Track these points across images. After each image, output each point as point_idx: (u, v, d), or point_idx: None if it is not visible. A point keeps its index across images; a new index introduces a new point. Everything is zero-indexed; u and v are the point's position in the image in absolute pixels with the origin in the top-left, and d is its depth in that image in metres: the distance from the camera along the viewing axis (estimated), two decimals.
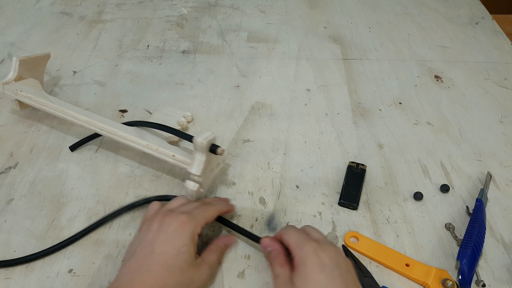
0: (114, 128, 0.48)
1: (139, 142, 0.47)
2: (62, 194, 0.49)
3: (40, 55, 0.57)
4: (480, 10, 0.84)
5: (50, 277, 0.42)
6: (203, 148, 0.41)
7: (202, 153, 0.42)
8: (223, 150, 0.43)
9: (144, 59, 0.70)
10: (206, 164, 0.43)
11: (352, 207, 0.48)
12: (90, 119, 0.49)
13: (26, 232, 0.45)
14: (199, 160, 0.43)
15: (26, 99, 0.53)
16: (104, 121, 0.49)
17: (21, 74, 0.55)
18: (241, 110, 0.61)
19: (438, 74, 0.68)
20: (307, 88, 0.65)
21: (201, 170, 0.43)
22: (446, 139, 0.57)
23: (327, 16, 0.81)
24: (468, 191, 0.50)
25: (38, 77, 0.59)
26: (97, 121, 0.49)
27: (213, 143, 0.43)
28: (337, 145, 0.56)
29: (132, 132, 0.48)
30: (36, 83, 0.57)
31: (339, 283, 0.34)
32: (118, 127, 0.49)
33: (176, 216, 0.39)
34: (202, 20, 0.80)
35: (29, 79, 0.57)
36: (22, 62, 0.55)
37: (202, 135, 0.42)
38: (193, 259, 0.38)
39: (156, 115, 0.56)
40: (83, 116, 0.49)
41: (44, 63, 0.59)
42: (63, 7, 0.83)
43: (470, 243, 0.42)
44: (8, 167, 0.52)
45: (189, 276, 0.38)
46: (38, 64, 0.58)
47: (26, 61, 0.55)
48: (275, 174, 0.52)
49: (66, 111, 0.50)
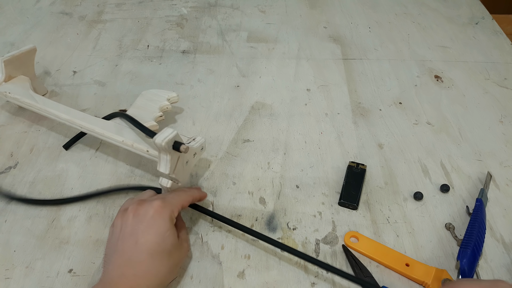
0: (93, 125, 0.48)
1: (115, 138, 0.47)
2: (62, 194, 0.49)
3: (24, 50, 0.56)
4: (480, 10, 0.84)
5: (50, 277, 0.42)
6: (164, 148, 0.40)
7: (165, 152, 0.41)
8: (187, 147, 0.40)
9: (144, 59, 0.70)
10: (174, 161, 0.42)
11: (352, 207, 0.48)
12: (70, 117, 0.49)
13: (26, 232, 0.45)
14: (165, 159, 0.41)
15: (14, 100, 0.53)
16: (84, 119, 0.49)
17: (9, 74, 0.55)
18: (241, 110, 0.61)
19: (438, 74, 0.68)
20: (307, 88, 0.65)
21: (169, 168, 0.42)
22: (446, 139, 0.57)
23: (327, 16, 0.82)
24: (468, 191, 0.50)
25: (28, 73, 0.58)
26: (77, 119, 0.49)
27: (176, 140, 0.40)
28: (337, 145, 0.56)
29: (110, 128, 0.48)
30: (26, 80, 0.57)
31: None
32: (97, 124, 0.49)
33: (150, 203, 0.39)
34: (202, 20, 0.80)
35: (19, 77, 0.57)
36: (8, 62, 0.54)
37: (162, 134, 0.39)
38: (176, 240, 0.39)
39: (139, 101, 0.55)
40: (64, 115, 0.50)
41: (31, 57, 0.58)
42: (63, 7, 0.83)
43: (470, 243, 0.42)
44: (8, 167, 0.52)
45: (176, 257, 0.39)
46: (25, 60, 0.57)
47: (12, 60, 0.55)
48: (275, 174, 0.52)
49: (49, 110, 0.51)
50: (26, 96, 0.53)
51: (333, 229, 0.46)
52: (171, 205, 0.39)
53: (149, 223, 0.37)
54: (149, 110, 0.53)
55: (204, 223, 0.47)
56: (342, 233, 0.46)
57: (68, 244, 0.44)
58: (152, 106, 0.54)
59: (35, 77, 0.60)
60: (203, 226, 0.46)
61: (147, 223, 0.37)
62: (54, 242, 0.45)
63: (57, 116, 0.50)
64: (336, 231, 0.46)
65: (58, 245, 0.44)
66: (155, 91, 0.57)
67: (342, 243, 0.45)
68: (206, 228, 0.46)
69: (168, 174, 0.42)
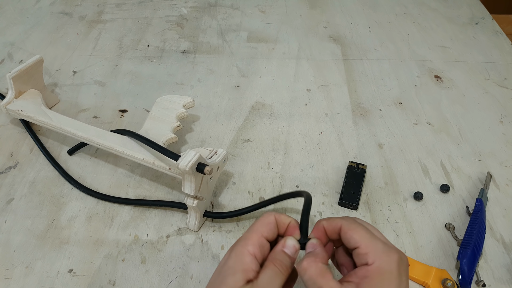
0: (111, 143, 0.47)
1: (136, 156, 0.46)
2: (62, 194, 0.49)
3: (31, 63, 0.54)
4: (480, 10, 0.84)
5: (50, 277, 0.42)
6: (189, 172, 0.39)
7: (189, 175, 0.40)
8: (211, 169, 0.40)
9: (144, 59, 0.70)
10: (198, 182, 0.41)
11: (352, 207, 0.48)
12: (87, 136, 0.48)
13: (26, 232, 0.45)
14: (189, 181, 0.41)
15: (28, 118, 0.52)
16: (101, 137, 0.48)
17: (19, 89, 0.54)
18: (241, 110, 0.61)
19: (438, 74, 0.68)
20: (307, 88, 0.65)
21: (194, 190, 0.41)
22: (446, 139, 0.57)
23: (327, 16, 0.82)
24: (468, 191, 0.50)
25: (38, 85, 0.57)
26: (94, 137, 0.48)
27: (200, 162, 0.40)
28: (337, 145, 0.56)
29: (129, 145, 0.47)
30: (37, 95, 0.55)
31: None
32: (115, 142, 0.47)
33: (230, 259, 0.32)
34: (202, 20, 0.80)
35: (29, 91, 0.55)
36: (16, 78, 0.53)
37: (185, 158, 0.39)
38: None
39: (155, 110, 0.53)
40: (81, 133, 0.48)
41: (39, 69, 0.56)
42: (63, 7, 0.83)
43: (470, 243, 0.42)
44: (8, 167, 0.53)
45: None
46: (34, 72, 0.55)
47: (20, 75, 0.53)
48: (275, 174, 0.52)
49: (64, 128, 0.50)
50: (39, 114, 0.52)
51: None
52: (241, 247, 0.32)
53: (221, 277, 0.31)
54: (166, 120, 0.51)
55: (204, 223, 0.47)
56: None
57: (68, 244, 0.44)
58: (169, 115, 0.52)
59: (45, 88, 0.58)
60: (203, 226, 0.46)
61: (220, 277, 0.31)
62: (54, 242, 0.45)
63: (73, 134, 0.49)
64: None
65: (58, 245, 0.44)
66: (170, 97, 0.53)
67: None
68: (206, 228, 0.46)
69: (194, 195, 0.42)
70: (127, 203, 0.48)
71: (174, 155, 0.41)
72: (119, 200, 0.49)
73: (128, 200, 0.49)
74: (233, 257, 0.31)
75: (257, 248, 0.32)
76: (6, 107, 0.53)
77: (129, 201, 0.48)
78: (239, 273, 0.30)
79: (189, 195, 0.42)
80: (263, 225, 0.33)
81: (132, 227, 0.46)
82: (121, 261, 0.43)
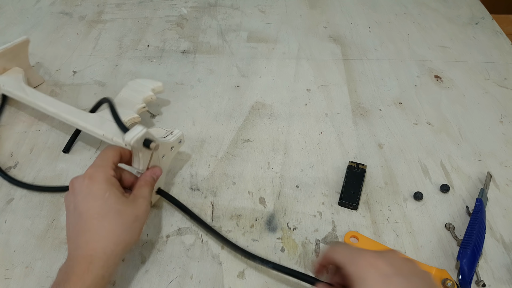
0: (76, 119, 0.49)
1: (96, 132, 0.47)
2: (62, 194, 0.49)
3: (17, 43, 0.58)
4: (480, 10, 0.84)
5: (50, 277, 0.42)
6: (134, 146, 0.40)
7: (136, 150, 0.41)
8: (157, 145, 0.41)
9: (144, 59, 0.70)
10: (147, 157, 0.43)
11: (352, 207, 0.48)
12: (56, 111, 0.50)
13: (26, 232, 0.46)
14: (138, 156, 0.42)
15: (7, 93, 0.55)
16: (69, 112, 0.50)
17: (4, 66, 0.57)
18: (241, 110, 0.61)
19: (438, 74, 0.68)
20: (307, 88, 0.65)
21: (141, 165, 0.43)
22: (446, 139, 0.57)
23: (327, 16, 0.82)
24: (468, 191, 0.50)
25: (23, 64, 0.60)
26: (63, 112, 0.50)
27: (146, 138, 0.40)
28: (337, 145, 0.56)
29: (93, 121, 0.48)
30: (19, 72, 0.58)
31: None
32: (81, 117, 0.49)
33: (81, 175, 0.39)
34: (202, 20, 0.80)
35: (13, 68, 0.58)
36: (1, 55, 0.56)
37: (131, 132, 0.40)
38: (123, 198, 0.38)
39: (124, 92, 0.56)
40: (51, 108, 0.51)
41: (25, 49, 0.60)
42: (63, 7, 0.83)
43: (470, 243, 0.42)
44: (8, 167, 0.53)
45: (129, 213, 0.38)
46: (19, 52, 0.59)
47: (4, 53, 0.56)
48: (275, 174, 0.52)
49: (37, 103, 0.52)
50: (17, 89, 0.54)
51: (333, 229, 0.46)
52: (101, 166, 0.39)
53: (86, 192, 0.37)
54: (133, 101, 0.54)
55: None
56: (342, 233, 0.46)
57: None
58: (136, 97, 0.55)
59: (30, 68, 0.62)
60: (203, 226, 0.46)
61: (84, 193, 0.37)
62: (54, 242, 0.45)
63: (44, 109, 0.51)
64: (336, 231, 0.46)
65: (58, 245, 0.44)
66: (141, 80, 0.57)
67: None
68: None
69: (142, 170, 0.43)
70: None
71: (125, 128, 0.44)
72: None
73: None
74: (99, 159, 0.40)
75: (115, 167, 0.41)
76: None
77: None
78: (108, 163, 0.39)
79: (137, 170, 0.43)
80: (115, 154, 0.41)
81: None
82: (121, 261, 0.43)
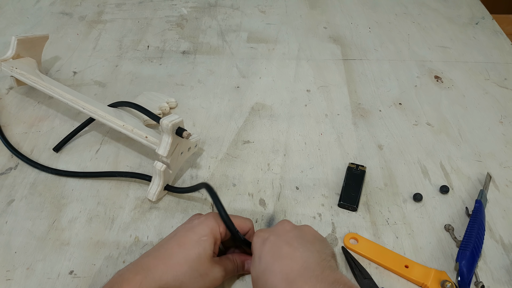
0: (95, 107, 0.50)
1: (116, 122, 0.48)
2: (62, 195, 0.49)
3: (38, 35, 0.60)
4: (480, 10, 0.84)
5: (51, 278, 0.42)
6: (169, 130, 0.43)
7: (168, 135, 0.43)
8: (189, 134, 0.44)
9: (144, 60, 0.70)
10: (173, 146, 0.44)
11: (352, 208, 0.48)
12: (74, 98, 0.51)
13: (26, 233, 0.46)
14: (166, 141, 0.44)
15: (20, 76, 0.56)
16: (87, 101, 0.51)
17: (19, 53, 0.58)
18: (241, 111, 0.61)
19: (438, 75, 0.68)
20: (307, 89, 0.65)
21: (167, 151, 0.44)
22: (446, 139, 0.57)
23: (327, 16, 0.81)
24: (468, 192, 0.50)
25: (36, 57, 0.61)
26: (81, 100, 0.51)
27: (180, 126, 0.44)
28: (337, 146, 0.56)
29: (111, 112, 0.50)
30: (32, 62, 0.59)
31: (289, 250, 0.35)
32: (100, 107, 0.50)
33: (199, 216, 0.41)
34: (202, 21, 0.80)
35: (27, 58, 0.59)
36: (20, 41, 0.57)
37: (169, 117, 0.43)
38: (211, 253, 0.38)
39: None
40: (68, 95, 0.52)
41: (42, 43, 0.61)
42: (63, 7, 0.83)
43: (469, 244, 0.42)
44: (8, 168, 0.53)
45: (204, 268, 0.37)
46: (36, 44, 0.60)
47: (24, 41, 0.58)
48: (275, 175, 0.52)
49: (53, 89, 0.53)
50: (33, 74, 0.55)
51: (332, 231, 0.46)
52: (217, 219, 0.39)
53: (192, 226, 0.39)
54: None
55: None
56: (341, 234, 0.46)
57: (69, 246, 0.45)
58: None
59: (40, 64, 0.63)
60: None
61: (190, 226, 0.39)
62: (55, 244, 0.45)
63: (61, 95, 0.52)
64: (335, 233, 0.46)
65: (59, 246, 0.45)
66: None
67: (341, 244, 0.45)
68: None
69: (166, 157, 0.44)
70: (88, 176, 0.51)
71: (156, 117, 0.49)
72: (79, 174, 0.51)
73: (90, 173, 0.51)
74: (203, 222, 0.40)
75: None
76: (2, 62, 0.56)
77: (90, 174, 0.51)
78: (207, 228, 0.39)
79: (162, 157, 0.44)
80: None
81: (133, 228, 0.46)
82: (122, 262, 0.43)
